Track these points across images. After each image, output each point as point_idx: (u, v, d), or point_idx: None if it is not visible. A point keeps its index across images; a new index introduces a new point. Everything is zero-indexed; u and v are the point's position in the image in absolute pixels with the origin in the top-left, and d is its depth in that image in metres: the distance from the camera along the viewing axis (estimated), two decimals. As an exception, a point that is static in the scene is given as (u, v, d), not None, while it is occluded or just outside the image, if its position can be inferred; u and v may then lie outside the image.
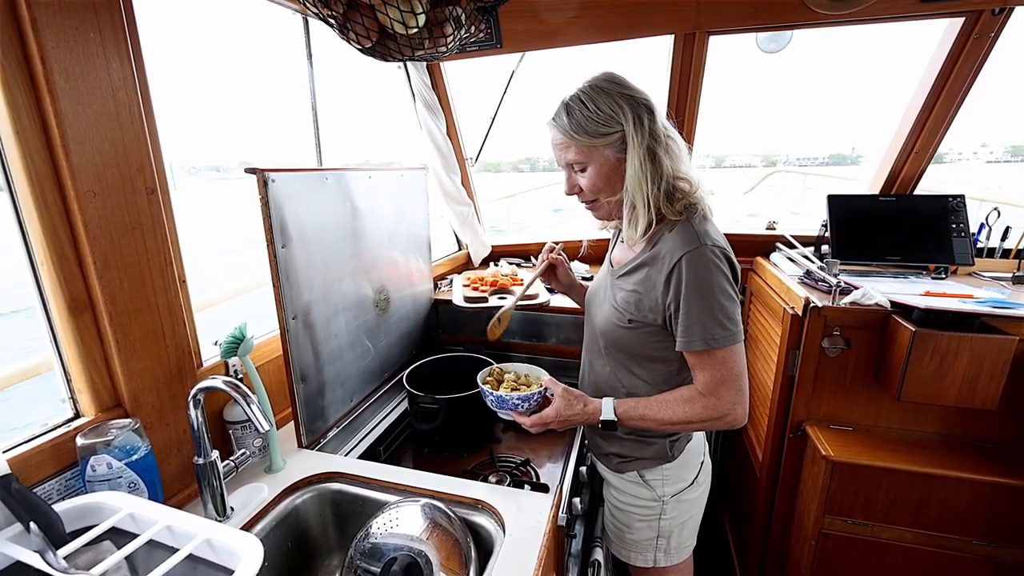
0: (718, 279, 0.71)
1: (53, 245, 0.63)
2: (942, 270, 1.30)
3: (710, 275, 0.71)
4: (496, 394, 0.86)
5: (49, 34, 0.59)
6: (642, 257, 0.79)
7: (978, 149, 63.13)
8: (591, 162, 0.77)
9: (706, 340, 0.71)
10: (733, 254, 0.74)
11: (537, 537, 0.71)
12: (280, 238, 0.83)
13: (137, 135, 0.69)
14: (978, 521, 0.97)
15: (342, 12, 0.72)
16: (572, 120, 0.75)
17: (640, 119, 0.73)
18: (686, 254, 0.71)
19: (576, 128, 0.75)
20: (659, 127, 0.75)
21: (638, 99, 0.74)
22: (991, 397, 0.92)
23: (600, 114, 0.73)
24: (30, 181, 0.61)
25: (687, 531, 0.90)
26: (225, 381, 0.68)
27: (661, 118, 0.76)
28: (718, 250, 0.72)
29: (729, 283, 0.73)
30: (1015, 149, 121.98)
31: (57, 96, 0.60)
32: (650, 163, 0.73)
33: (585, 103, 0.74)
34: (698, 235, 0.72)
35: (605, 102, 0.73)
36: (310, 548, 0.85)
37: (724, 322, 0.71)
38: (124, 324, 0.70)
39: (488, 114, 1.65)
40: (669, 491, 0.87)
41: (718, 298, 0.71)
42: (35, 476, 0.63)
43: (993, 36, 1.15)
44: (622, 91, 0.74)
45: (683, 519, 0.88)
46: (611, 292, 0.85)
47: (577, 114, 0.75)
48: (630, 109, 0.73)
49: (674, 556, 0.90)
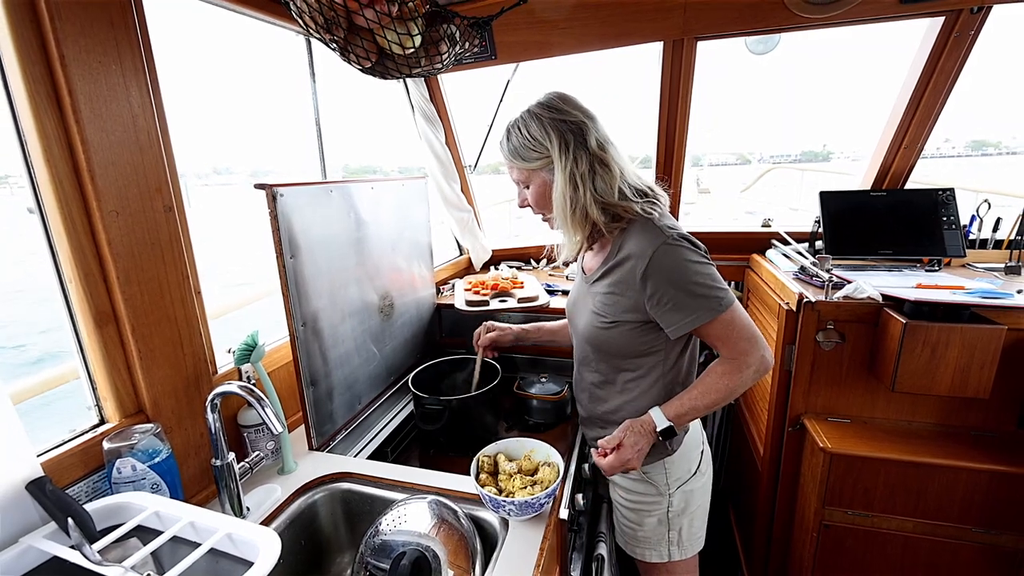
0: (690, 257, 0.75)
1: (80, 262, 0.68)
2: (935, 263, 1.31)
3: (683, 261, 0.75)
4: (516, 500, 0.71)
5: (76, 68, 0.64)
6: (613, 259, 0.82)
7: (941, 144, 63.15)
8: (530, 182, 0.83)
9: (707, 313, 0.75)
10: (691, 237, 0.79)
11: (539, 531, 0.74)
12: (288, 249, 0.87)
13: (155, 158, 0.74)
14: (976, 509, 0.99)
15: (343, 36, 0.77)
16: (510, 144, 0.82)
17: (566, 145, 0.76)
18: (656, 249, 0.75)
19: (512, 152, 0.82)
20: (588, 151, 0.77)
21: (570, 122, 0.77)
22: (983, 386, 0.94)
23: (531, 140, 0.79)
24: (59, 204, 0.66)
25: (696, 522, 0.92)
26: (240, 386, 0.72)
27: (593, 141, 0.77)
28: (679, 236, 0.77)
29: (699, 256, 0.77)
30: (975, 144, 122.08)
31: (83, 125, 0.65)
32: (571, 188, 0.77)
33: (520, 128, 0.80)
34: (660, 229, 0.77)
35: (536, 128, 0.78)
36: (322, 545, 0.89)
37: (713, 289, 0.75)
38: (145, 335, 0.74)
39: (485, 121, 1.69)
40: (673, 483, 0.89)
41: (698, 276, 0.75)
42: (66, 478, 0.68)
43: (973, 33, 1.17)
44: (553, 116, 0.78)
45: (691, 510, 0.90)
46: (588, 299, 0.88)
47: (514, 139, 0.81)
48: (557, 136, 0.77)
49: (687, 549, 0.92)
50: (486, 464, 0.82)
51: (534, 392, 1.21)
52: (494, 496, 0.73)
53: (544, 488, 0.76)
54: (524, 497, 0.73)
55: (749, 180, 4.71)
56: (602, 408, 0.92)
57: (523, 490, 0.76)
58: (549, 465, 0.81)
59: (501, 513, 0.76)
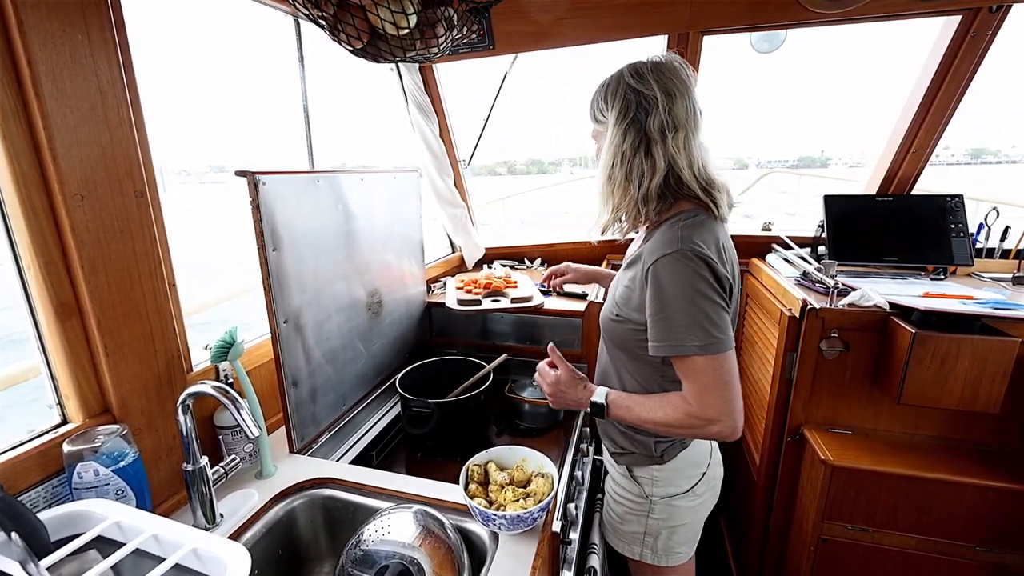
0: (694, 282, 0.67)
1: (40, 249, 0.63)
2: (941, 271, 1.29)
3: (684, 279, 0.67)
4: (507, 515, 0.68)
5: (36, 36, 0.58)
6: (635, 254, 0.80)
7: (940, 152, 64.33)
8: (598, 141, 0.82)
9: (682, 345, 0.67)
10: (717, 261, 0.69)
11: (531, 544, 0.70)
12: (271, 241, 0.82)
13: (126, 138, 0.69)
14: (980, 527, 0.96)
15: (332, 13, 0.72)
16: (592, 101, 0.80)
17: (624, 117, 0.73)
18: (661, 257, 0.69)
19: (590, 109, 0.82)
20: (644, 130, 0.72)
21: (644, 95, 0.72)
22: (993, 400, 0.91)
23: (603, 102, 0.77)
24: (16, 184, 0.60)
25: (679, 537, 0.89)
26: (214, 386, 0.68)
27: (656, 122, 0.71)
28: (693, 253, 0.68)
29: (711, 288, 0.68)
30: (975, 152, 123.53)
31: (44, 99, 0.59)
32: (610, 161, 0.75)
33: (604, 87, 0.78)
34: (679, 239, 0.69)
35: (611, 92, 0.76)
36: (301, 555, 0.84)
37: (704, 326, 0.66)
38: (112, 329, 0.69)
39: (481, 116, 1.64)
40: (659, 492, 0.86)
41: (695, 302, 0.67)
42: (21, 483, 0.63)
43: (991, 34, 1.14)
44: (631, 84, 0.73)
45: (673, 524, 0.87)
46: (616, 283, 0.86)
47: (596, 96, 0.80)
48: (621, 106, 0.74)
49: (662, 557, 0.89)
50: (476, 474, 0.78)
51: (526, 395, 1.17)
52: (484, 509, 0.69)
53: (537, 501, 0.72)
54: (516, 511, 0.69)
55: (745, 185, 4.69)
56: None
57: (515, 503, 0.72)
58: (543, 476, 0.77)
59: (492, 527, 0.72)
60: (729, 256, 0.75)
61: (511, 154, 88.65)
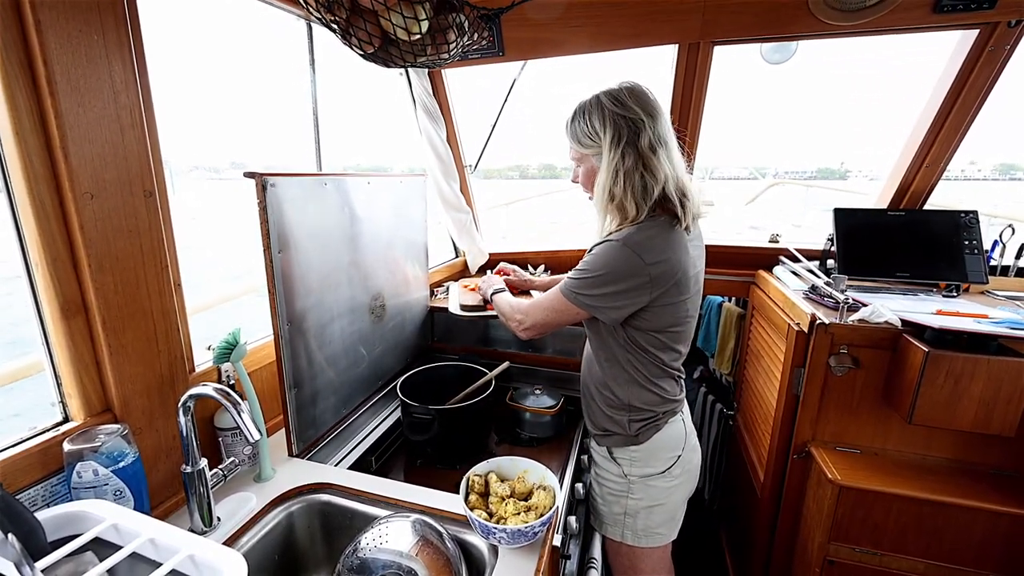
0: (605, 256, 0.80)
1: (48, 247, 0.63)
2: (953, 288, 1.26)
3: (600, 254, 0.81)
4: (508, 528, 0.66)
5: (52, 36, 0.59)
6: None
7: (966, 166, 63.72)
8: (582, 164, 0.91)
9: (565, 284, 0.86)
10: (655, 263, 0.79)
11: (531, 559, 0.69)
12: (277, 243, 0.82)
13: (137, 138, 0.69)
14: (994, 554, 0.93)
15: (345, 18, 0.72)
16: (573, 126, 0.87)
17: (618, 140, 0.80)
18: (600, 242, 0.83)
19: (571, 135, 0.88)
20: (638, 149, 0.80)
21: (628, 118, 0.80)
22: (1009, 423, 0.88)
23: (590, 129, 0.84)
24: (28, 182, 0.61)
25: (656, 517, 0.94)
26: (216, 388, 0.67)
27: (646, 140, 0.80)
28: (628, 242, 0.79)
29: (622, 264, 0.79)
30: (1003, 168, 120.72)
31: (58, 97, 0.60)
32: (612, 180, 0.82)
33: (584, 114, 0.85)
34: (628, 234, 0.80)
35: (596, 118, 0.82)
36: (297, 561, 0.83)
37: (581, 278, 0.83)
38: (117, 328, 0.69)
39: (488, 121, 1.64)
40: (636, 472, 0.93)
41: (590, 265, 0.82)
42: (20, 482, 0.63)
43: (1009, 48, 1.12)
44: (615, 110, 0.81)
45: (651, 504, 0.94)
46: None
47: (577, 123, 0.86)
48: (612, 130, 0.81)
49: (641, 538, 0.95)
50: (477, 484, 0.76)
51: (528, 404, 1.16)
52: (485, 522, 0.68)
53: (538, 515, 0.70)
54: (517, 525, 0.67)
55: (754, 194, 4.67)
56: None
57: (516, 516, 0.71)
58: (544, 489, 0.75)
59: (491, 540, 0.70)
60: (676, 252, 0.83)
61: (523, 159, 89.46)
